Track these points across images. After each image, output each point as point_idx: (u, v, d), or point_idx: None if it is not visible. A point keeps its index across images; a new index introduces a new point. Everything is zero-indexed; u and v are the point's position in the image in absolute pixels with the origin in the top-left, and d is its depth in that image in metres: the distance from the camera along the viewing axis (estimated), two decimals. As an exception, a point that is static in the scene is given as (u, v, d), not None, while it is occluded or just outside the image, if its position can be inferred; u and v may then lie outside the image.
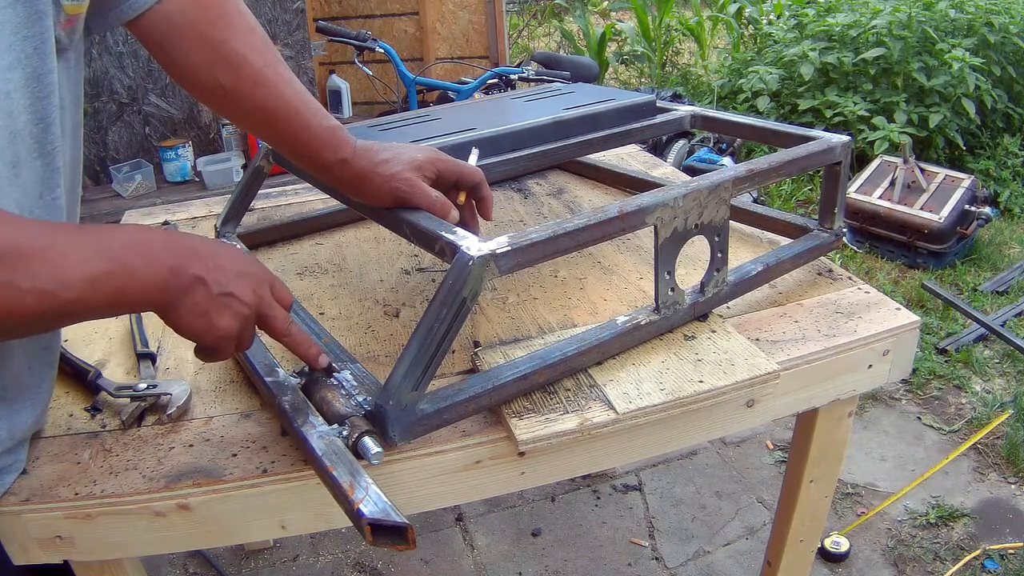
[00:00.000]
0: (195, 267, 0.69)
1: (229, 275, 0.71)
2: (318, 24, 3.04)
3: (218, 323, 0.71)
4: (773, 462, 2.29)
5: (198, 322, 0.70)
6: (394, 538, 0.65)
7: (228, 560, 2.01)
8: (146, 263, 0.66)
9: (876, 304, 1.07)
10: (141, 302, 0.67)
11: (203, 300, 0.69)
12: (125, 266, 0.65)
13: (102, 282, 0.63)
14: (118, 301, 0.65)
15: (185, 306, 0.69)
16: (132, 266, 0.65)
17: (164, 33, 0.83)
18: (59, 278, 0.61)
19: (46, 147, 0.72)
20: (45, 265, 0.60)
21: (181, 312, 0.69)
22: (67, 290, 0.61)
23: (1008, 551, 1.91)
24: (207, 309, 0.70)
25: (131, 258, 0.65)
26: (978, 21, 4.02)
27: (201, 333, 0.71)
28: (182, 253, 0.69)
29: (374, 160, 0.89)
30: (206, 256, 0.70)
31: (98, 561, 0.84)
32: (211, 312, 0.70)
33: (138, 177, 2.99)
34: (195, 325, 0.70)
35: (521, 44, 7.00)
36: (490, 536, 2.06)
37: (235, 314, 0.71)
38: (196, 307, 0.69)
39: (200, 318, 0.70)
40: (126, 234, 0.68)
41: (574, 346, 0.89)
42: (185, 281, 0.68)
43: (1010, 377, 2.58)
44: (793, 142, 1.13)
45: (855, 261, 3.39)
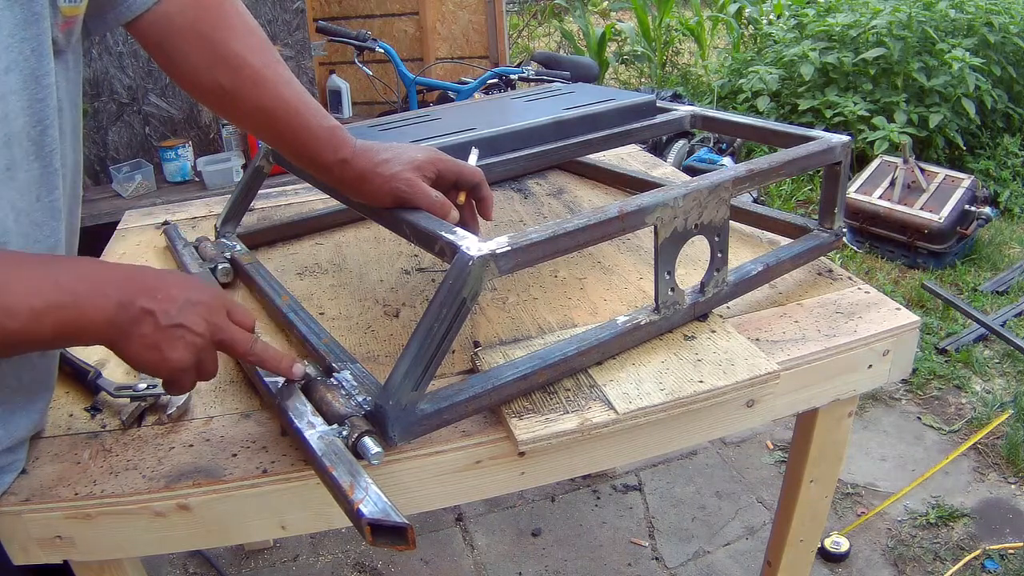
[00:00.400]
0: (143, 300, 0.68)
1: (179, 305, 0.70)
2: (318, 24, 3.04)
3: (170, 355, 0.70)
4: (773, 462, 2.29)
5: (149, 355, 0.69)
6: (394, 538, 0.65)
7: (228, 560, 2.01)
8: (94, 297, 0.66)
9: (876, 304, 1.07)
10: (90, 335, 0.67)
11: (152, 333, 0.69)
12: (74, 298, 0.64)
13: (48, 314, 0.62)
14: (65, 334, 0.65)
15: (134, 340, 0.68)
16: (80, 299, 0.65)
17: (163, 34, 0.83)
18: (4, 306, 0.60)
19: (44, 149, 0.71)
20: None
21: (131, 346, 0.69)
22: (12, 319, 0.61)
23: (1008, 551, 1.91)
24: (157, 342, 0.69)
25: (80, 291, 0.65)
26: (978, 21, 4.02)
27: (154, 366, 0.70)
28: (131, 287, 0.68)
29: (374, 160, 0.89)
30: (155, 288, 0.69)
31: (98, 561, 0.84)
32: (162, 344, 0.69)
33: (138, 177, 2.99)
34: (146, 358, 0.70)
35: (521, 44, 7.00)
36: (490, 536, 2.06)
37: (187, 345, 0.70)
38: (145, 340, 0.68)
39: (150, 351, 0.69)
40: (78, 267, 0.68)
41: (574, 346, 0.89)
42: (133, 314, 0.67)
43: (1010, 377, 2.58)
44: (793, 142, 1.13)
45: (855, 261, 3.39)
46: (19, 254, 0.67)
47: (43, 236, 0.74)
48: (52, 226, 0.75)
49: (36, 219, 0.73)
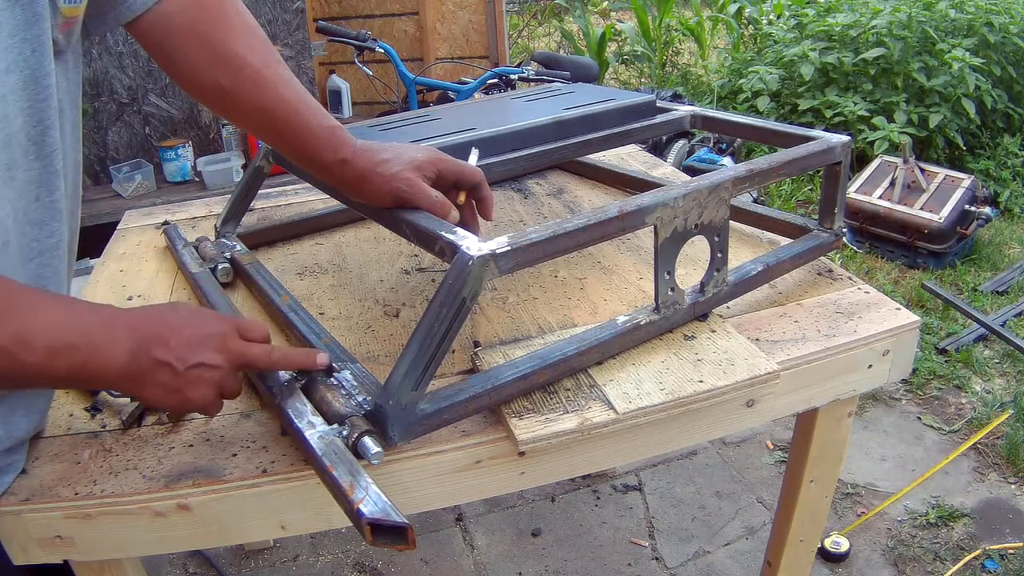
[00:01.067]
0: (156, 351, 0.69)
1: (193, 347, 0.71)
2: (318, 24, 3.04)
3: (192, 396, 0.71)
4: (773, 462, 2.29)
5: (172, 399, 0.71)
6: (394, 538, 0.65)
7: (228, 560, 2.01)
8: (108, 344, 0.67)
9: (876, 304, 1.07)
10: (105, 381, 0.68)
11: (170, 380, 0.70)
12: (88, 341, 0.65)
13: (64, 353, 0.63)
14: (79, 376, 0.66)
15: (153, 388, 0.69)
16: (94, 343, 0.66)
17: (163, 34, 0.83)
18: (23, 339, 0.61)
19: (44, 149, 0.71)
20: (10, 323, 0.61)
21: (150, 393, 0.70)
22: (30, 353, 0.61)
23: (1008, 551, 1.91)
24: (178, 387, 0.70)
25: (94, 336, 0.66)
26: (978, 21, 4.02)
27: (179, 407, 0.72)
28: (142, 336, 0.69)
29: (374, 160, 0.89)
30: (166, 335, 0.70)
31: (98, 561, 0.84)
32: (183, 388, 0.71)
33: (138, 177, 2.99)
34: (170, 402, 0.71)
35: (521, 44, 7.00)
36: (490, 536, 2.06)
37: (207, 382, 0.72)
38: (165, 387, 0.70)
39: (172, 395, 0.71)
40: (96, 312, 0.69)
41: (574, 346, 0.89)
42: (146, 364, 0.68)
43: (1010, 377, 2.58)
44: (793, 142, 1.13)
45: (855, 261, 3.39)
46: (41, 292, 0.67)
47: (43, 236, 0.74)
48: (53, 226, 0.75)
49: (36, 219, 0.73)
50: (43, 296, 0.66)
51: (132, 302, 1.16)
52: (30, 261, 0.74)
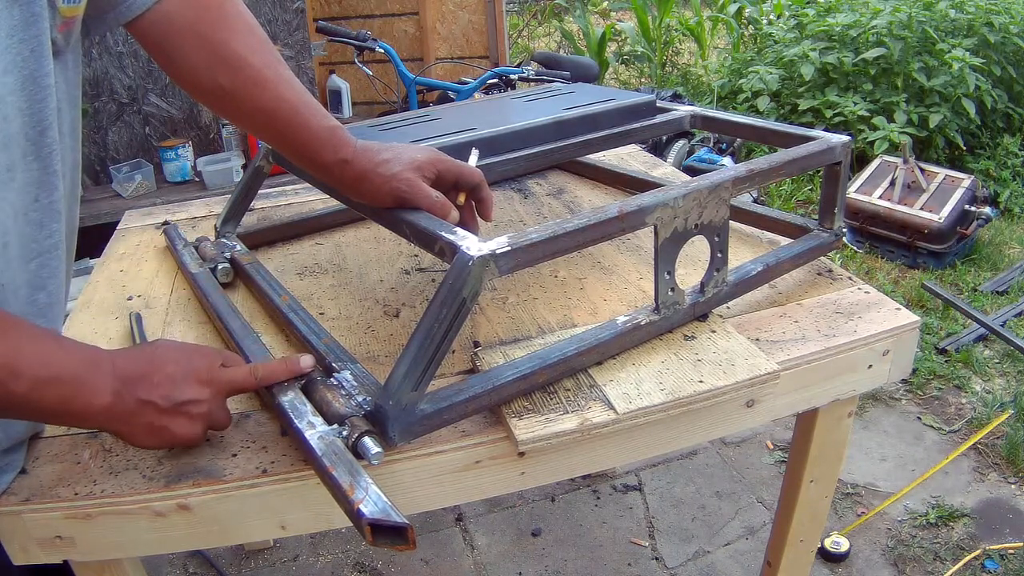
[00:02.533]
0: (139, 391, 0.69)
1: (178, 384, 0.71)
2: (318, 24, 3.04)
3: (179, 432, 0.72)
4: (773, 462, 2.29)
5: (158, 438, 0.71)
6: (394, 538, 0.65)
7: (228, 560, 2.01)
8: (93, 382, 0.67)
9: (876, 304, 1.07)
10: (90, 420, 0.68)
11: (155, 419, 0.70)
12: (75, 378, 0.66)
13: (51, 386, 0.64)
14: (66, 411, 0.66)
15: (137, 428, 0.70)
16: (80, 380, 0.66)
17: (163, 34, 0.83)
18: (12, 368, 0.62)
19: (43, 150, 0.71)
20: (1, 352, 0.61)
21: (136, 433, 0.70)
22: (18, 383, 0.62)
23: (1008, 551, 1.91)
24: (163, 425, 0.71)
25: (80, 373, 0.66)
26: (978, 21, 4.02)
27: (166, 444, 0.73)
28: (127, 376, 0.69)
29: (375, 160, 0.89)
30: (148, 374, 0.71)
31: (98, 561, 0.84)
32: (168, 426, 0.71)
33: (138, 177, 2.99)
34: (156, 440, 0.72)
35: (521, 44, 7.00)
36: (490, 536, 2.06)
37: (193, 417, 0.73)
38: (150, 427, 0.70)
39: (158, 434, 0.71)
40: (83, 351, 0.69)
41: (574, 346, 0.89)
42: (130, 406, 0.69)
43: (1010, 377, 2.58)
44: (793, 142, 1.13)
45: (855, 261, 3.39)
46: (35, 327, 0.67)
47: (42, 236, 0.74)
48: (52, 227, 0.75)
49: (35, 219, 0.73)
50: (35, 330, 0.67)
51: (132, 302, 1.16)
52: (30, 261, 0.74)
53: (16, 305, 0.73)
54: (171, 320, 1.10)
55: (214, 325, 1.06)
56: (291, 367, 0.83)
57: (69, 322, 1.10)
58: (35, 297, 0.75)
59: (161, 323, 1.09)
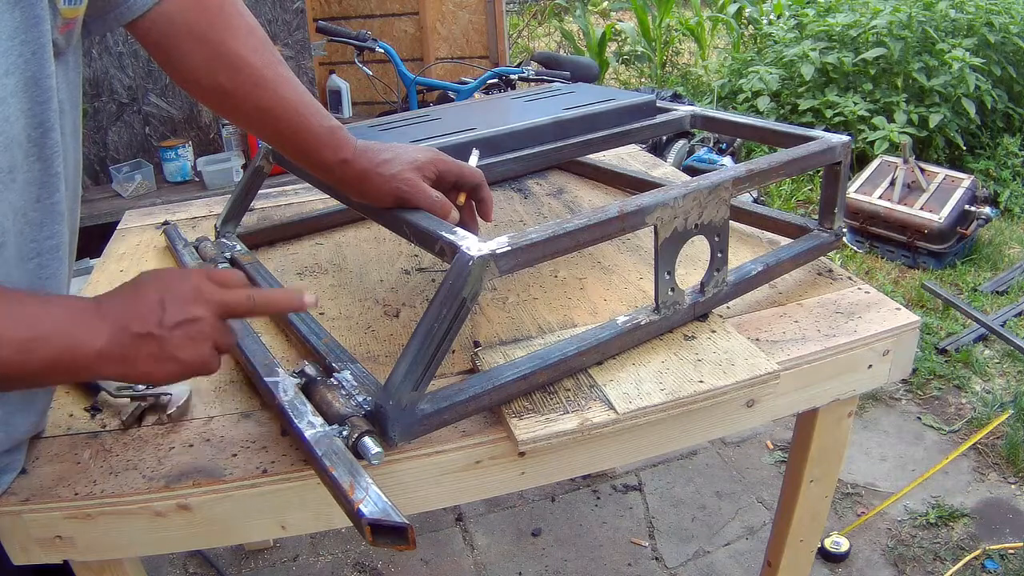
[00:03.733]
0: (133, 325, 0.67)
1: (168, 309, 0.68)
2: (318, 24, 3.04)
3: (184, 357, 0.68)
4: (773, 462, 2.29)
5: (165, 367, 0.68)
6: (394, 538, 0.65)
7: (228, 560, 2.01)
8: (83, 332, 0.65)
9: (876, 304, 1.07)
10: (87, 368, 0.66)
11: (157, 349, 0.67)
12: (61, 332, 0.64)
13: (36, 346, 0.62)
14: (59, 368, 0.64)
15: (143, 363, 0.67)
16: (69, 333, 0.64)
17: (163, 34, 0.82)
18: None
19: (45, 151, 0.71)
20: None
21: (144, 368, 0.67)
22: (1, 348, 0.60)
23: (1008, 551, 1.91)
24: (168, 354, 0.68)
25: (68, 326, 0.64)
26: (978, 21, 4.02)
27: (176, 374, 0.69)
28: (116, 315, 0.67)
29: (375, 160, 0.89)
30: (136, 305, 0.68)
31: (98, 561, 0.84)
32: (174, 353, 0.68)
33: (138, 177, 2.99)
34: (165, 370, 0.68)
35: (521, 44, 6.99)
36: (490, 536, 2.06)
37: (195, 338, 0.69)
38: (155, 358, 0.67)
39: (165, 363, 0.68)
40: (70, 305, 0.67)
41: (574, 346, 0.89)
42: (128, 342, 0.66)
43: (1010, 377, 2.58)
44: (793, 142, 1.13)
45: (855, 261, 3.39)
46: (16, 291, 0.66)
47: (43, 237, 0.74)
48: (53, 228, 0.75)
49: (36, 220, 0.73)
50: (17, 295, 0.65)
51: (132, 302, 1.16)
52: (28, 261, 0.74)
53: None
54: (171, 320, 1.10)
55: (214, 325, 1.06)
56: (292, 300, 0.79)
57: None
58: (35, 297, 0.75)
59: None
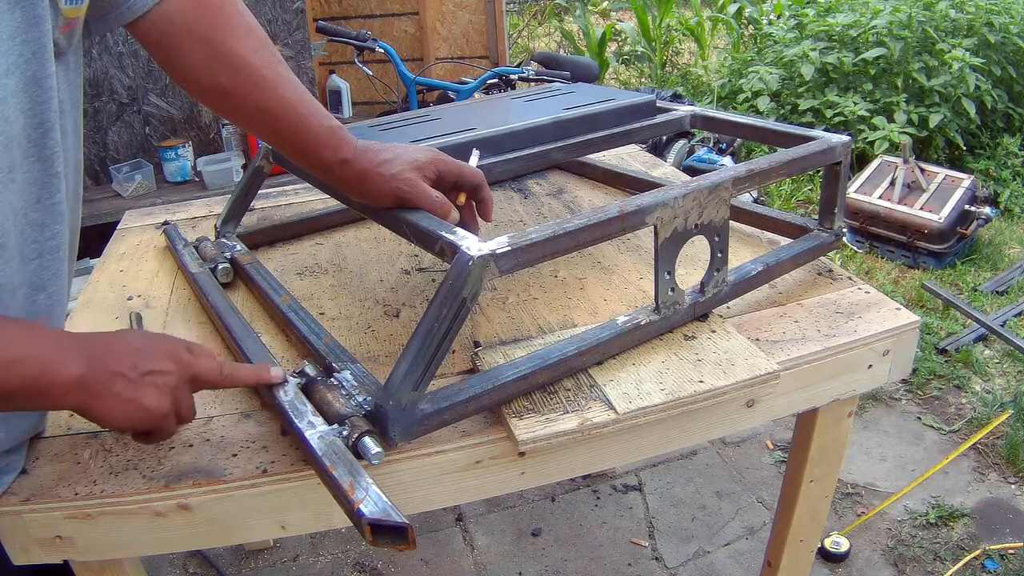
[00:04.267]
0: (108, 362, 0.69)
1: (143, 356, 0.71)
2: (318, 24, 3.04)
3: (147, 403, 0.70)
4: (773, 462, 2.29)
5: (127, 409, 0.70)
6: (394, 538, 0.65)
7: (228, 560, 2.01)
8: (59, 356, 0.66)
9: (876, 304, 1.07)
10: (58, 396, 0.67)
11: (124, 388, 0.69)
12: (38, 357, 0.65)
13: (13, 367, 0.63)
14: (33, 391, 0.65)
15: (109, 399, 0.69)
16: (44, 358, 0.65)
17: (164, 34, 0.83)
18: None
19: (45, 151, 0.71)
20: None
21: (108, 405, 0.69)
22: None
23: (1008, 551, 1.91)
24: (133, 396, 0.69)
25: (43, 352, 0.65)
26: (978, 21, 4.02)
27: (135, 420, 0.71)
28: (95, 351, 0.69)
29: (375, 160, 0.89)
30: (115, 347, 0.70)
31: (98, 561, 0.84)
32: (138, 396, 0.70)
33: (138, 177, 2.99)
34: (127, 412, 0.70)
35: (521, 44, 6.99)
36: (490, 536, 2.06)
37: (161, 388, 0.71)
38: (119, 397, 0.69)
39: (128, 405, 0.70)
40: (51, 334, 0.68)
41: (574, 346, 0.89)
42: (102, 376, 0.68)
43: (1010, 377, 2.58)
44: (793, 142, 1.13)
45: (855, 261, 3.39)
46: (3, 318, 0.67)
47: (44, 238, 0.74)
48: (54, 228, 0.75)
49: (36, 220, 0.73)
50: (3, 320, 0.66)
51: (132, 302, 1.16)
52: (30, 262, 0.74)
53: (15, 306, 0.73)
54: (171, 320, 1.10)
55: (214, 325, 1.06)
56: (260, 374, 0.82)
57: (69, 322, 1.10)
58: (35, 298, 0.75)
59: (161, 323, 1.09)
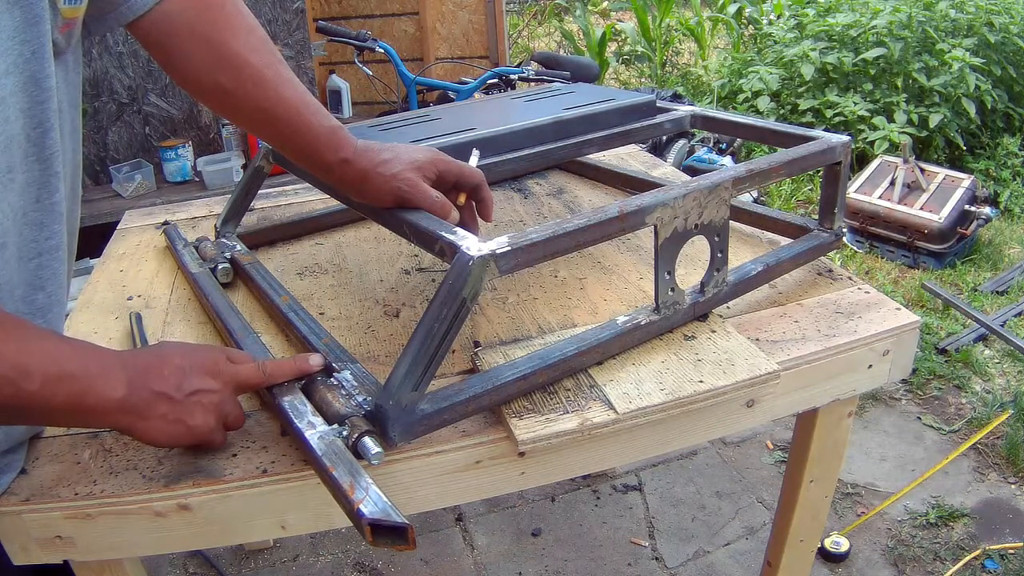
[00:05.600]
0: (153, 382, 0.70)
1: (188, 375, 0.72)
2: (318, 24, 3.04)
3: (193, 423, 0.72)
4: (773, 462, 2.29)
5: (174, 429, 0.71)
6: (394, 538, 0.65)
7: (228, 560, 2.01)
8: (106, 376, 0.67)
9: (876, 304, 1.07)
10: (102, 414, 0.67)
11: (169, 410, 0.70)
12: (86, 372, 0.66)
13: (62, 382, 0.64)
14: (79, 408, 0.65)
15: (154, 421, 0.70)
16: (92, 375, 0.66)
17: (164, 34, 0.82)
18: (24, 368, 0.61)
19: (44, 151, 0.71)
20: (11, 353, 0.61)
21: (152, 427, 0.70)
22: (29, 382, 0.61)
23: (1008, 551, 1.91)
24: (178, 416, 0.71)
25: (91, 368, 0.66)
26: (978, 21, 4.02)
27: (182, 438, 0.72)
28: (138, 369, 0.70)
29: (375, 160, 0.89)
30: (158, 366, 0.71)
31: (98, 561, 0.84)
32: (183, 417, 0.71)
33: (138, 177, 2.99)
34: (172, 433, 0.71)
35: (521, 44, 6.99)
36: (490, 536, 2.06)
37: (207, 407, 0.72)
38: (165, 418, 0.70)
39: (174, 426, 0.71)
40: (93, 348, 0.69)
41: (574, 346, 0.89)
42: (145, 396, 0.69)
43: (1010, 377, 2.58)
44: (793, 142, 1.13)
45: (855, 261, 3.39)
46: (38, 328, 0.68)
47: (43, 238, 0.74)
48: (53, 228, 0.75)
49: (36, 220, 0.73)
50: (40, 330, 0.67)
51: (132, 302, 1.16)
52: (29, 262, 0.74)
53: (13, 305, 0.73)
54: (171, 320, 1.10)
55: (214, 325, 1.06)
56: (300, 365, 0.83)
57: (69, 322, 1.10)
58: (34, 297, 0.75)
59: (161, 323, 1.09)
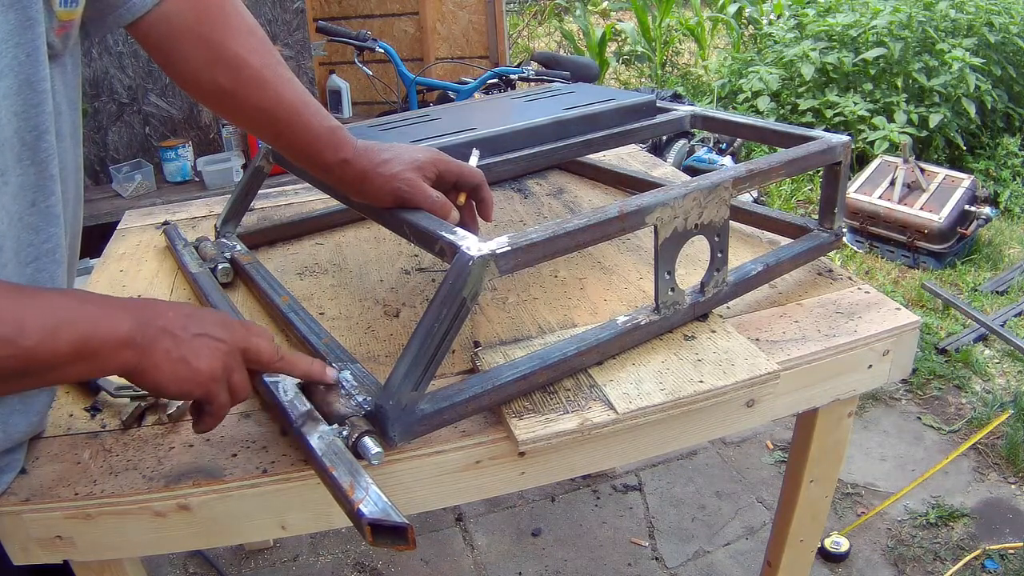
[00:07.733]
0: (157, 320, 0.68)
1: (195, 320, 0.70)
2: (318, 24, 3.04)
3: (198, 364, 0.69)
4: (773, 462, 2.29)
5: (177, 369, 0.68)
6: (394, 538, 0.65)
7: (228, 560, 2.01)
8: (108, 317, 0.65)
9: (876, 304, 1.07)
10: (109, 356, 0.65)
11: (174, 347, 0.68)
12: (88, 317, 0.64)
13: (63, 330, 0.62)
14: (84, 351, 0.63)
15: (158, 356, 0.67)
16: (96, 317, 0.64)
17: (163, 35, 0.82)
18: (17, 323, 0.59)
19: (39, 154, 0.71)
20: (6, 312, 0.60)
21: (156, 363, 0.67)
22: (25, 337, 0.60)
23: (1008, 551, 1.91)
24: (182, 354, 0.68)
25: (92, 312, 0.65)
26: (978, 21, 4.02)
27: (184, 381, 0.69)
28: (143, 311, 0.68)
29: (375, 160, 0.89)
30: (166, 309, 0.70)
31: (98, 561, 0.84)
32: (188, 356, 0.68)
33: (138, 177, 2.99)
34: (176, 372, 0.68)
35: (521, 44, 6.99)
36: (490, 536, 2.06)
37: (212, 351, 0.70)
38: (169, 354, 0.68)
39: (178, 364, 0.68)
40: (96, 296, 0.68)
41: (574, 346, 0.89)
42: (151, 332, 0.67)
43: (1010, 377, 2.58)
44: (793, 142, 1.13)
45: (855, 261, 3.39)
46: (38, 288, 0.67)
47: (39, 241, 0.74)
48: (49, 231, 0.75)
49: (32, 224, 0.73)
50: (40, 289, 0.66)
51: (132, 302, 1.16)
52: (26, 266, 0.74)
53: None
54: (171, 320, 1.10)
55: (214, 325, 1.06)
56: (315, 369, 0.80)
57: (69, 322, 1.10)
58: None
59: (161, 323, 1.09)
